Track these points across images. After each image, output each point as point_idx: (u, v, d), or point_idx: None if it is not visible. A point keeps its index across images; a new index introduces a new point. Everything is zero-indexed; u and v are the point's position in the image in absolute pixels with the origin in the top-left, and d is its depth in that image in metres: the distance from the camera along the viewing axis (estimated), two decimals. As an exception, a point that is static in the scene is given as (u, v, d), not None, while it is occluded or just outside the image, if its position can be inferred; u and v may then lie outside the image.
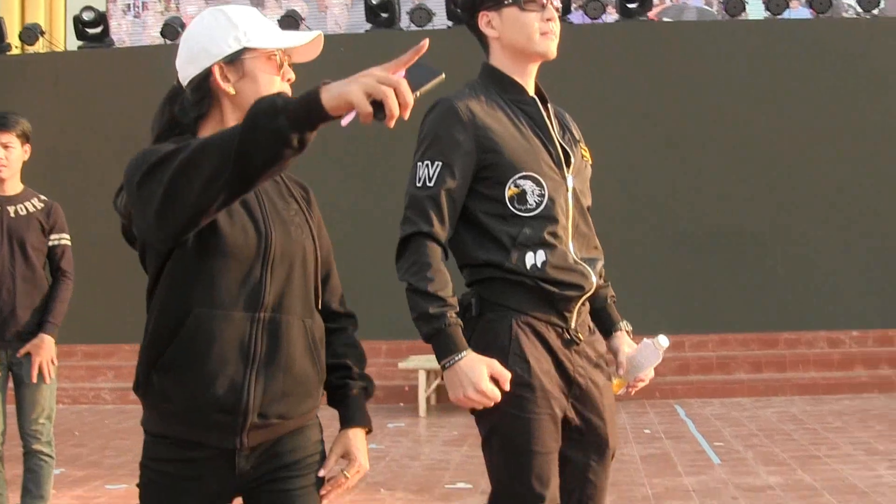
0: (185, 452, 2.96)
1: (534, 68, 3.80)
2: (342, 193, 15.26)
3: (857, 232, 15.35)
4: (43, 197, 6.53)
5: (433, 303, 3.48)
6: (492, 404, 3.40)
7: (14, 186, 6.44)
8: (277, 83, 3.02)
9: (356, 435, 3.22)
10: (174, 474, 2.98)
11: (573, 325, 3.67)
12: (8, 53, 17.93)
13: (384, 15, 16.74)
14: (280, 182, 3.14)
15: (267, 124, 2.44)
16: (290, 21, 16.93)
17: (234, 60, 3.01)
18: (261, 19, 3.09)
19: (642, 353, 3.87)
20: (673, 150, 15.46)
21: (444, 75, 2.47)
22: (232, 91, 3.01)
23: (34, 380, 6.25)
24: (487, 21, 3.73)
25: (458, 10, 3.75)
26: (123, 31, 22.32)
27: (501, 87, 3.76)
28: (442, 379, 12.51)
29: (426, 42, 2.48)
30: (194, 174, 2.60)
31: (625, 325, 3.99)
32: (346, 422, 3.23)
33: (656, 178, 15.39)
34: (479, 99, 3.70)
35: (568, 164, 3.73)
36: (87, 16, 17.59)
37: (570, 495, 3.71)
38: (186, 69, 3.09)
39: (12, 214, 6.36)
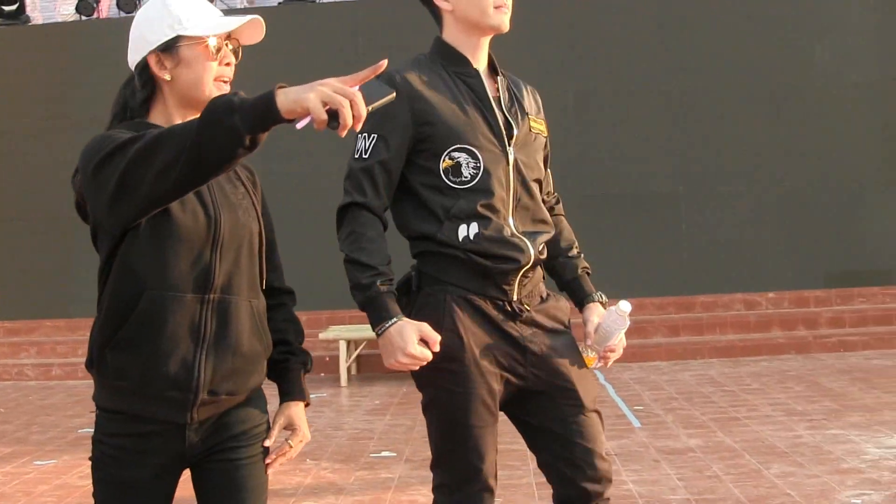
0: (138, 427, 3.02)
1: (486, 41, 3.79)
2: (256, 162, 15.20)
3: (771, 194, 15.56)
4: None
5: (365, 272, 3.56)
6: (422, 364, 3.48)
7: None
8: (214, 68, 3.07)
9: (297, 407, 3.31)
10: (127, 447, 3.03)
11: (515, 296, 3.69)
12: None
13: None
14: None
15: (222, 122, 2.52)
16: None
17: (170, 48, 3.07)
18: (199, 6, 3.12)
19: (607, 322, 3.87)
20: (582, 111, 15.53)
21: (395, 94, 2.63)
22: (168, 77, 3.09)
23: None
24: None
25: None
26: (37, 9, 22.14)
27: (447, 60, 3.77)
28: (362, 348, 12.55)
29: (385, 62, 2.61)
30: (149, 165, 2.68)
31: (598, 297, 3.99)
32: (287, 395, 3.32)
33: (565, 141, 15.39)
34: (422, 71, 3.72)
35: (510, 136, 3.72)
36: (2, -7, 17.45)
37: (566, 461, 3.73)
38: (131, 56, 3.15)
39: None
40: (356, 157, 3.67)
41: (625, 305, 3.83)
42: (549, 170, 4.06)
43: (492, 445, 3.66)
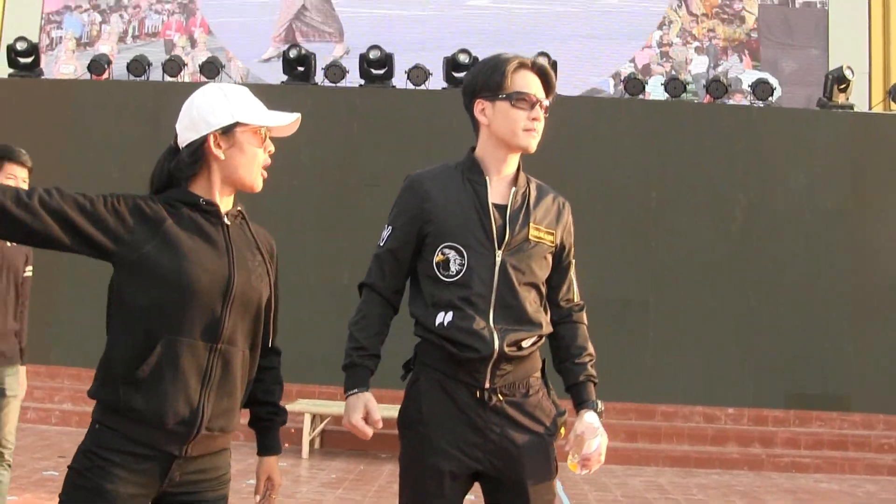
0: (134, 448, 3.41)
1: (513, 157, 4.20)
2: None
3: (738, 311, 15.82)
4: None
5: (352, 343, 4.08)
6: (364, 434, 3.95)
7: None
8: (260, 154, 3.62)
9: (275, 461, 3.89)
10: (118, 462, 3.40)
11: (487, 384, 3.98)
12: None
13: (300, 68, 17.11)
14: (250, 236, 3.69)
15: None
16: (211, 67, 17.26)
17: (227, 131, 3.56)
18: (252, 99, 3.67)
19: (584, 432, 4.07)
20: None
21: None
22: (222, 157, 3.58)
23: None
24: (482, 109, 4.16)
25: (461, 94, 4.20)
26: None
27: (467, 167, 4.18)
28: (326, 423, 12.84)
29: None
30: None
31: (593, 405, 4.17)
32: (267, 450, 3.90)
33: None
34: (441, 176, 4.18)
35: (501, 241, 4.06)
36: (20, 45, 18.09)
37: None
38: (185, 134, 3.61)
39: (8, 245, 6.66)
40: (378, 244, 4.17)
41: (589, 417, 4.09)
42: (572, 277, 4.45)
43: None
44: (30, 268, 6.93)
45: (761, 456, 14.37)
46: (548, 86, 4.21)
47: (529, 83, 4.14)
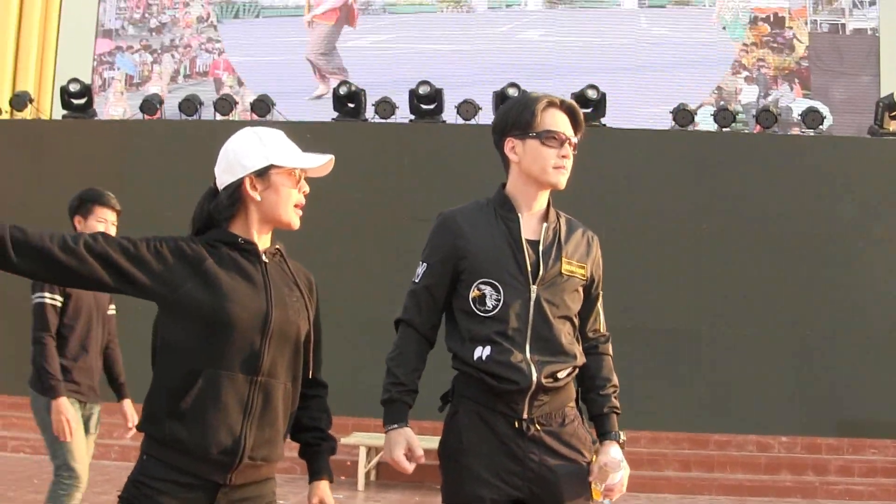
0: (181, 477, 3.61)
1: (543, 193, 4.34)
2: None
3: (790, 340, 15.82)
4: None
5: (390, 379, 4.27)
6: (405, 470, 4.13)
7: None
8: (295, 195, 3.80)
9: (326, 486, 4.00)
10: (164, 491, 3.60)
11: (525, 414, 4.13)
12: (-2, 118, 18.51)
13: (351, 105, 17.31)
14: (287, 272, 3.89)
15: None
16: (262, 105, 17.51)
17: (262, 174, 3.77)
18: (286, 141, 3.87)
19: (609, 464, 4.20)
20: (611, 249, 15.84)
21: None
22: (258, 198, 3.79)
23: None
24: (512, 147, 4.32)
25: (492, 132, 4.39)
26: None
27: (499, 204, 4.34)
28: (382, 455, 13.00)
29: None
30: None
31: (615, 437, 4.32)
32: (318, 474, 4.01)
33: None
34: (474, 213, 4.35)
35: (535, 276, 4.20)
36: (73, 87, 18.38)
37: None
38: (223, 177, 3.84)
39: None
40: (413, 280, 4.34)
41: (615, 452, 4.22)
42: (599, 309, 4.50)
43: None
44: (113, 306, 7.17)
45: (815, 484, 14.37)
46: (576, 123, 4.34)
47: (558, 121, 4.28)
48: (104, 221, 6.88)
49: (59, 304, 6.90)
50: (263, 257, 3.80)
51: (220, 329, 3.62)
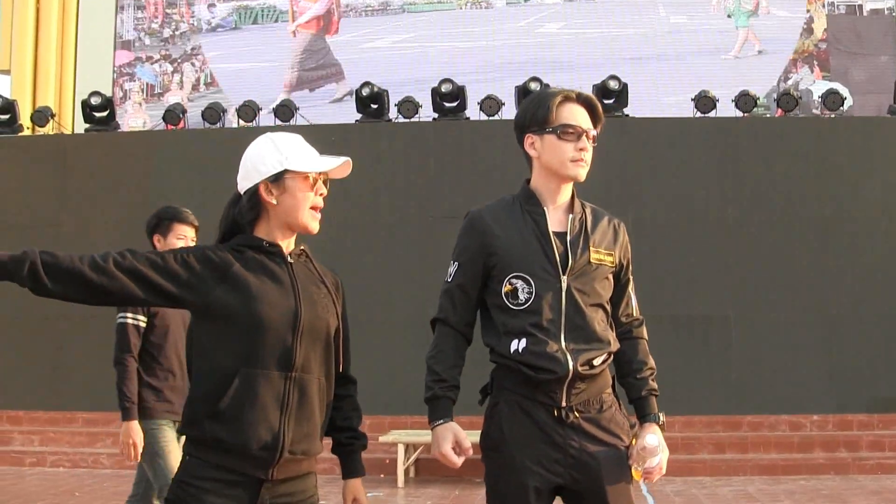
0: (224, 475, 3.79)
1: (566, 186, 4.44)
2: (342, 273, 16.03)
3: (817, 320, 15.99)
4: None
5: (431, 377, 4.33)
6: (453, 464, 4.26)
7: None
8: (311, 198, 3.98)
9: (359, 483, 4.20)
10: (209, 490, 3.77)
11: (563, 403, 4.23)
12: (20, 134, 18.73)
13: (374, 106, 17.52)
14: (314, 271, 4.09)
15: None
16: (286, 111, 17.73)
17: (278, 179, 3.96)
18: (302, 146, 4.05)
19: (647, 447, 4.28)
20: (637, 238, 15.96)
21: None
22: (275, 202, 3.96)
23: None
24: (531, 143, 4.43)
25: (514, 129, 4.53)
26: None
27: (524, 199, 4.44)
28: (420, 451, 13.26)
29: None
30: None
31: (655, 418, 4.40)
32: (352, 472, 4.20)
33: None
34: (500, 209, 4.46)
35: (565, 267, 4.28)
36: (94, 100, 18.50)
37: None
38: (242, 183, 4.05)
39: None
40: (446, 279, 4.47)
41: (651, 439, 4.27)
42: (631, 293, 4.58)
43: None
44: None
45: (847, 460, 14.55)
46: (594, 116, 4.44)
47: (575, 115, 4.38)
48: (184, 238, 6.88)
49: (142, 325, 6.90)
50: (289, 258, 3.98)
51: (252, 329, 3.80)
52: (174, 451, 6.73)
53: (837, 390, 15.73)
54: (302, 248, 4.10)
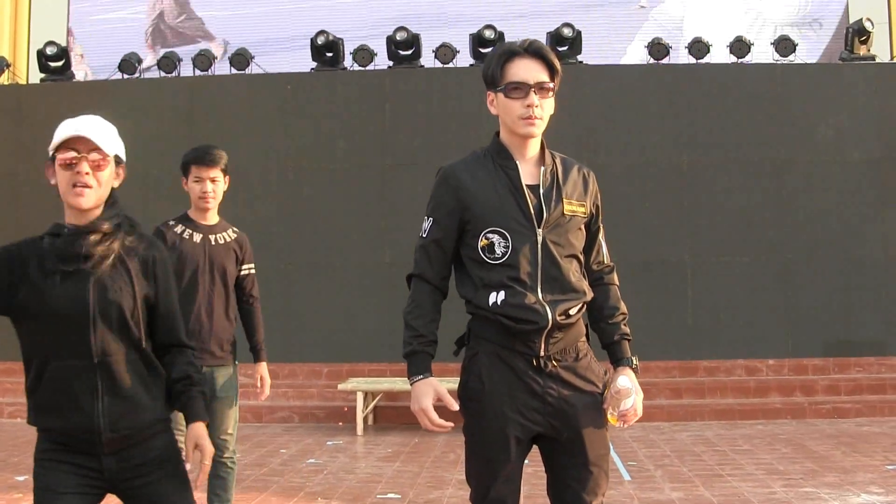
0: (65, 450, 3.96)
1: (532, 140, 4.39)
2: (278, 235, 15.99)
3: (773, 265, 16.18)
4: (236, 228, 6.99)
5: (410, 332, 4.34)
6: (432, 420, 4.26)
7: (214, 216, 6.91)
8: (68, 176, 3.95)
9: (200, 428, 4.16)
10: (58, 460, 3.95)
11: (542, 352, 4.24)
12: (-26, 86, 18.47)
13: (329, 55, 17.42)
14: (113, 250, 4.03)
15: None
16: (241, 59, 17.62)
17: (52, 164, 4.04)
18: (67, 125, 4.05)
19: (620, 391, 4.29)
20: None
21: None
22: (54, 183, 4.03)
23: (263, 399, 7.18)
24: (491, 100, 4.43)
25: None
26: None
27: (496, 153, 4.41)
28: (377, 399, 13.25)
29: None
30: None
31: (629, 362, 4.45)
32: (192, 417, 4.18)
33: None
34: (472, 165, 4.43)
35: (540, 219, 4.27)
36: (49, 50, 18.30)
37: (559, 497, 4.38)
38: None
39: (213, 243, 6.81)
40: (420, 235, 4.44)
41: (623, 381, 4.29)
42: (601, 241, 4.60)
43: (505, 475, 4.30)
44: (248, 266, 7.02)
45: (803, 404, 14.74)
46: (548, 65, 4.37)
47: (522, 70, 4.32)
48: (201, 181, 6.75)
49: None
50: (86, 241, 3.96)
51: (47, 324, 3.90)
52: None
53: (793, 334, 15.93)
54: (116, 223, 4.06)
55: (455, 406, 4.29)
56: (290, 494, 9.46)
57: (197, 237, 6.76)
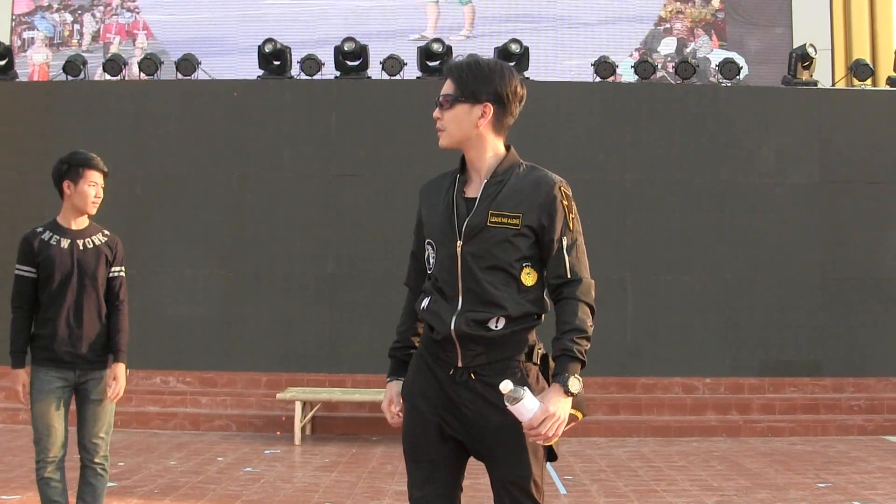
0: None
1: (470, 152, 4.44)
2: (220, 243, 15.95)
3: (712, 285, 16.30)
4: (107, 231, 6.96)
5: (394, 337, 4.70)
6: (389, 419, 4.62)
7: (86, 221, 6.90)
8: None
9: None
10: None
11: (460, 363, 4.23)
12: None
13: (276, 63, 17.40)
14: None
15: None
16: (188, 64, 17.54)
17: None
18: None
19: (519, 406, 3.97)
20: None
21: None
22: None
23: (112, 400, 6.81)
24: None
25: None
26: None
27: (460, 167, 4.48)
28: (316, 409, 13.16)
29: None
30: None
31: (559, 380, 4.06)
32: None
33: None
34: (440, 179, 4.53)
35: (461, 232, 4.26)
36: (-9, 49, 17.98)
37: None
38: None
39: (81, 248, 6.78)
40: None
41: (526, 399, 3.94)
42: (564, 255, 4.37)
43: (426, 474, 4.33)
44: (118, 268, 6.93)
45: (739, 422, 14.89)
46: (455, 79, 4.43)
47: (444, 88, 4.45)
48: (95, 185, 6.82)
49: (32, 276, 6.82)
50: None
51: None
52: (43, 400, 6.73)
53: (730, 353, 16.06)
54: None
55: (388, 415, 4.60)
56: (226, 503, 9.45)
57: (65, 243, 6.77)
